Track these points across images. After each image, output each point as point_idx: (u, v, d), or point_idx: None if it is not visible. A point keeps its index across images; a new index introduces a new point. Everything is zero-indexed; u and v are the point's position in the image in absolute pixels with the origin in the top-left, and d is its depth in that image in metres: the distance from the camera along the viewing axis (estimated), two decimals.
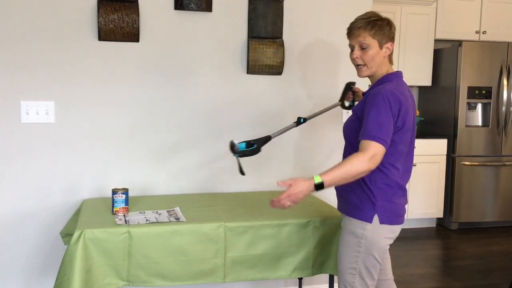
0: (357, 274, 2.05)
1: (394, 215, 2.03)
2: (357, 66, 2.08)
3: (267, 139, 2.37)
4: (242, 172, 2.29)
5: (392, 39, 2.04)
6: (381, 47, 2.02)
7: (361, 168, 1.86)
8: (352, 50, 2.07)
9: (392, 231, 2.05)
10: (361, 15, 2.06)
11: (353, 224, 2.05)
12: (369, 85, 2.19)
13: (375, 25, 2.00)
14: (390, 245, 2.10)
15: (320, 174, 1.87)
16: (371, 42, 2.01)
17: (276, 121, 3.02)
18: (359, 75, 2.09)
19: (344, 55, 3.05)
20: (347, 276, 2.08)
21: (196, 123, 2.91)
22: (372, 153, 1.86)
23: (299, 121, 2.49)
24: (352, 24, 2.06)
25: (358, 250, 2.03)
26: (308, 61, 3.05)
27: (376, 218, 2.00)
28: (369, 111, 1.92)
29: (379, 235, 2.02)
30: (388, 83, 2.01)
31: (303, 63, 3.04)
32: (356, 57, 2.05)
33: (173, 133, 2.88)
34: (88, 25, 2.69)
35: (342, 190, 2.12)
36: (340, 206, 2.19)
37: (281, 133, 2.46)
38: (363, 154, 1.86)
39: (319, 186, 1.86)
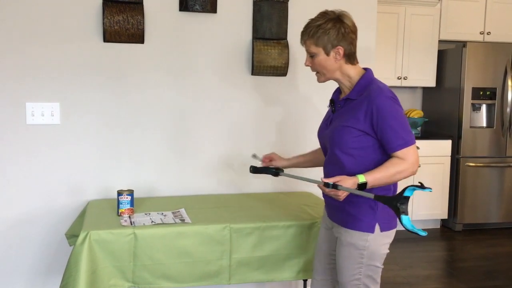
0: (361, 285, 1.95)
1: (391, 219, 1.94)
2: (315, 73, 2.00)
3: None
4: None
5: (342, 41, 1.88)
6: (327, 53, 1.90)
7: (407, 174, 1.82)
8: None
9: (391, 236, 1.97)
10: (312, 18, 1.94)
11: (352, 236, 1.93)
12: (340, 91, 2.07)
13: (317, 31, 1.89)
14: (392, 246, 2.02)
15: (364, 174, 1.81)
16: (316, 50, 1.92)
17: (281, 122, 3.02)
18: (317, 81, 2.01)
19: None
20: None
21: (201, 124, 2.91)
22: (414, 159, 1.83)
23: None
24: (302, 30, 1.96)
25: (360, 262, 1.93)
26: None
27: (377, 227, 1.91)
28: (387, 121, 1.83)
29: (380, 243, 1.93)
30: (373, 81, 1.91)
31: None
32: (307, 65, 1.98)
33: (178, 134, 2.88)
34: (93, 27, 2.69)
35: (336, 200, 1.90)
36: (334, 216, 2.04)
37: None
38: (406, 162, 1.82)
39: (363, 186, 1.80)
